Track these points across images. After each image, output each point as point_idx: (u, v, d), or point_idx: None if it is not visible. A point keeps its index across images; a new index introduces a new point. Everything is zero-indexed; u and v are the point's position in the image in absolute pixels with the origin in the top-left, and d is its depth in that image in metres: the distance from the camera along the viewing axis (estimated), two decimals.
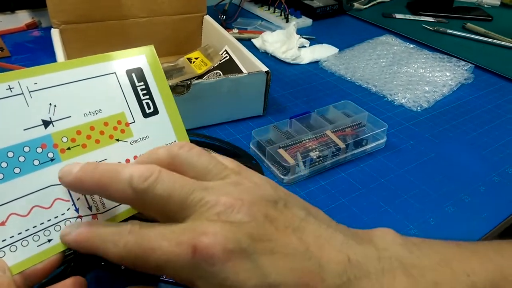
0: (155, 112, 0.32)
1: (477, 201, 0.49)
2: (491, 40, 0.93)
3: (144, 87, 0.32)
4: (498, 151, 0.58)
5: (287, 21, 0.95)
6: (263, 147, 0.52)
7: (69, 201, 0.28)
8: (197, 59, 0.67)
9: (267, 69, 0.58)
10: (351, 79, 0.75)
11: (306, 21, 0.98)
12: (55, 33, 0.64)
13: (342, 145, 0.52)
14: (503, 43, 0.91)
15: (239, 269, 0.22)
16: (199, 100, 0.55)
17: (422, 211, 0.47)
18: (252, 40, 0.86)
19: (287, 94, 0.69)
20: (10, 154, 0.27)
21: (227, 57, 0.65)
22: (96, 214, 0.29)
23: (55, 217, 0.28)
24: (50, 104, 0.28)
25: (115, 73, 0.31)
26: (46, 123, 0.28)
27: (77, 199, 0.29)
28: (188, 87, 0.53)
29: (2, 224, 0.26)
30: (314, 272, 0.23)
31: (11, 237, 0.26)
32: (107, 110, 0.31)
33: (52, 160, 0.28)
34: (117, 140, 0.31)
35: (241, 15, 0.99)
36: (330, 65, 0.78)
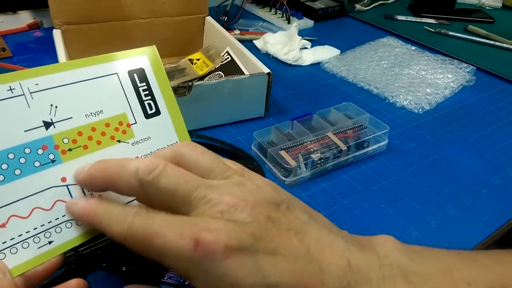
0: (157, 113, 0.32)
1: (479, 204, 0.49)
2: (492, 42, 0.93)
3: (146, 87, 0.32)
4: (500, 154, 0.58)
5: (289, 23, 0.95)
6: (265, 149, 0.52)
7: None
8: (198, 60, 0.67)
9: (268, 71, 0.58)
10: (353, 80, 0.74)
11: (307, 23, 0.98)
12: (57, 34, 0.64)
13: (343, 147, 0.52)
14: (505, 45, 0.91)
15: (239, 267, 0.22)
16: (200, 101, 0.55)
17: (423, 214, 0.47)
18: (253, 41, 0.86)
19: (289, 95, 0.69)
20: (10, 155, 0.27)
21: (228, 58, 0.65)
22: None
23: (56, 219, 0.28)
24: (51, 105, 0.28)
25: (117, 73, 0.31)
26: (47, 124, 0.28)
27: None
28: (189, 89, 0.53)
29: (2, 226, 0.26)
30: (314, 274, 0.23)
31: (11, 239, 0.26)
32: (108, 111, 0.30)
33: (53, 161, 0.28)
34: (119, 141, 0.31)
35: (243, 16, 0.99)
36: (331, 67, 0.78)
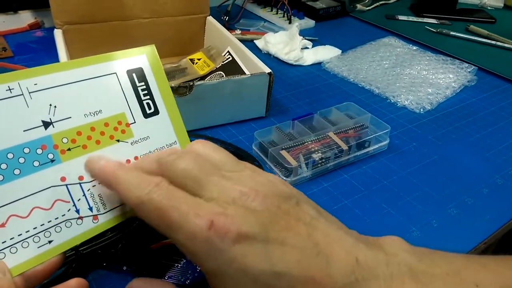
0: (156, 112, 0.32)
1: (480, 203, 0.49)
2: (494, 42, 0.92)
3: (144, 87, 0.32)
4: (501, 153, 0.58)
5: (290, 23, 0.95)
6: (266, 149, 0.52)
7: (69, 202, 0.28)
8: (199, 60, 0.67)
9: (269, 71, 0.58)
10: (354, 80, 0.74)
11: (309, 23, 0.98)
12: (58, 34, 0.64)
13: (344, 147, 0.52)
14: (506, 45, 0.91)
15: (248, 253, 0.23)
16: (201, 101, 0.55)
17: (425, 213, 0.47)
18: (254, 41, 0.86)
19: (290, 95, 0.69)
20: (10, 155, 0.27)
21: (229, 58, 0.65)
22: (97, 215, 0.29)
23: (55, 218, 0.28)
24: (50, 105, 0.28)
25: (115, 73, 0.31)
26: (46, 124, 0.28)
27: (78, 200, 0.29)
28: (190, 88, 0.53)
29: (2, 225, 0.26)
30: (321, 267, 0.23)
31: (11, 239, 0.26)
32: (107, 110, 0.30)
33: (52, 161, 0.28)
34: (118, 140, 0.31)
35: (244, 16, 0.99)
36: (332, 67, 0.78)
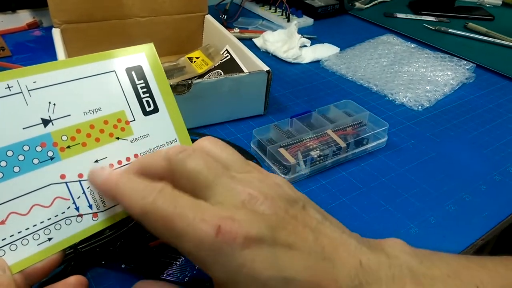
0: (155, 110, 0.32)
1: (478, 200, 0.49)
2: (492, 39, 0.93)
3: (144, 85, 0.32)
4: (499, 150, 0.58)
5: (288, 21, 0.95)
6: (264, 146, 0.52)
7: (69, 199, 0.29)
8: (198, 58, 0.67)
9: (268, 69, 0.58)
10: (352, 78, 0.74)
11: (307, 21, 0.98)
12: (56, 33, 0.64)
13: (343, 144, 0.52)
14: (505, 43, 0.91)
15: (257, 258, 0.23)
16: (200, 99, 0.55)
17: (422, 210, 0.47)
18: (253, 39, 0.86)
19: (288, 93, 0.69)
20: (9, 153, 0.27)
21: (228, 56, 0.65)
22: (96, 212, 0.29)
23: (55, 216, 0.28)
24: (49, 102, 0.28)
25: (114, 71, 0.31)
26: (45, 122, 0.28)
27: (78, 198, 0.29)
28: (189, 87, 0.53)
29: (2, 223, 0.26)
30: (328, 272, 0.23)
31: (11, 236, 0.27)
32: (107, 108, 0.31)
33: (51, 158, 0.28)
34: (117, 138, 0.31)
35: (242, 14, 0.99)
36: (331, 65, 0.78)
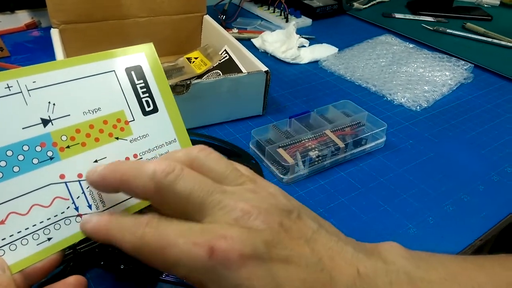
0: (155, 110, 0.32)
1: (476, 200, 0.49)
2: (490, 39, 0.93)
3: (143, 85, 0.32)
4: (497, 150, 0.58)
5: (287, 21, 0.95)
6: (263, 147, 0.52)
7: (68, 199, 0.29)
8: (196, 59, 0.67)
9: (266, 69, 0.58)
10: (351, 78, 0.75)
11: (305, 21, 0.98)
12: (55, 33, 0.64)
13: (341, 145, 0.52)
14: (503, 43, 0.91)
15: (253, 276, 0.22)
16: (198, 99, 0.55)
17: (421, 210, 0.47)
18: (251, 40, 0.86)
19: (287, 93, 0.69)
20: (9, 152, 0.27)
21: (226, 57, 0.65)
22: (96, 212, 0.29)
23: (54, 216, 0.28)
24: (49, 102, 0.28)
25: (114, 71, 0.31)
26: (45, 122, 0.28)
27: (77, 198, 0.29)
28: (187, 87, 0.53)
29: (1, 222, 0.26)
30: (325, 283, 0.23)
31: (10, 236, 0.27)
32: (106, 108, 0.31)
33: (51, 158, 0.28)
34: (117, 138, 0.31)
35: (241, 15, 0.99)
36: (329, 65, 0.78)
